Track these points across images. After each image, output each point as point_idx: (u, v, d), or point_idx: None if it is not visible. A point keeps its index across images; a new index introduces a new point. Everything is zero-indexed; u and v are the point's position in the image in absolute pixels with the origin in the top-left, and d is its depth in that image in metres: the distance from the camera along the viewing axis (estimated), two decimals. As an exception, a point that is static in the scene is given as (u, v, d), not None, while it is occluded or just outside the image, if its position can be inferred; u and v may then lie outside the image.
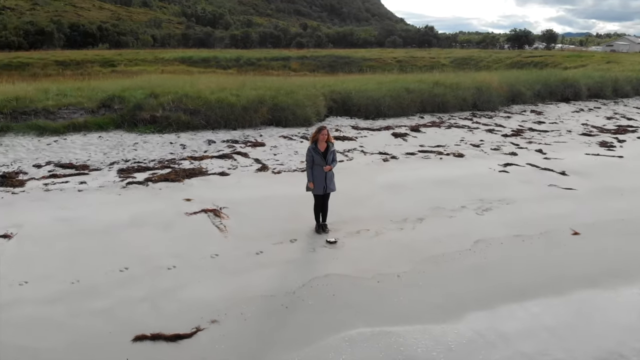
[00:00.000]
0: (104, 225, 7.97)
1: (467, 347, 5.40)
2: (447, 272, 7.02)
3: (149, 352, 5.24)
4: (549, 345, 5.44)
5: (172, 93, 15.09)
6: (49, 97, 14.23)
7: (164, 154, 12.11)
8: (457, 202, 9.48)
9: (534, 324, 5.82)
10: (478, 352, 5.32)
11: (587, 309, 6.23)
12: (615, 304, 6.36)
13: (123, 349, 5.25)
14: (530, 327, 5.76)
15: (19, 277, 6.42)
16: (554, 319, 5.92)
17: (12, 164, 10.98)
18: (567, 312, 6.11)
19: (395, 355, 5.21)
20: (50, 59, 59.76)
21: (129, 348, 5.28)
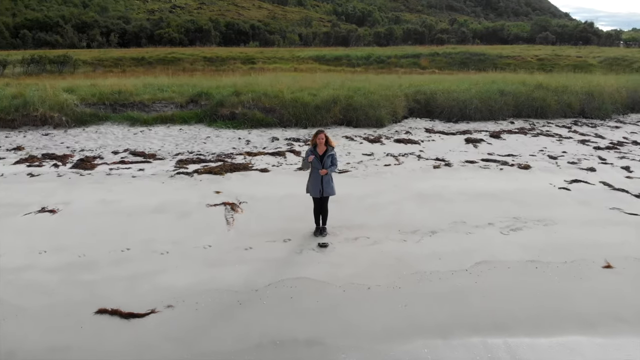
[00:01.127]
0: (131, 210, 8.94)
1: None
2: (425, 291, 6.57)
3: (102, 324, 5.85)
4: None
5: (253, 91, 16.04)
6: (147, 91, 16.12)
7: (227, 148, 13.00)
8: (485, 218, 8.71)
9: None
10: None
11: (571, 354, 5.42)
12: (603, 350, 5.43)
13: (85, 318, 5.93)
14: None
15: (41, 247, 7.57)
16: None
17: (97, 149, 12.77)
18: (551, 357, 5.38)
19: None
20: (200, 55, 66.37)
21: (89, 318, 5.95)
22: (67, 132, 14.03)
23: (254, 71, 44.80)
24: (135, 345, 5.48)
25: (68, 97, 15.01)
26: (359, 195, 9.67)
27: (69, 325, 5.80)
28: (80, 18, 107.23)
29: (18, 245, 7.57)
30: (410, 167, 11.56)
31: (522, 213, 8.92)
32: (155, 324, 5.88)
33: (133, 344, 5.50)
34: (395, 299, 6.41)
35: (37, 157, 12.05)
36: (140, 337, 5.64)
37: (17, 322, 5.84)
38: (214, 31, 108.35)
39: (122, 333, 5.71)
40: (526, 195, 9.82)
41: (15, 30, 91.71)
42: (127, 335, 5.67)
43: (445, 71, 48.86)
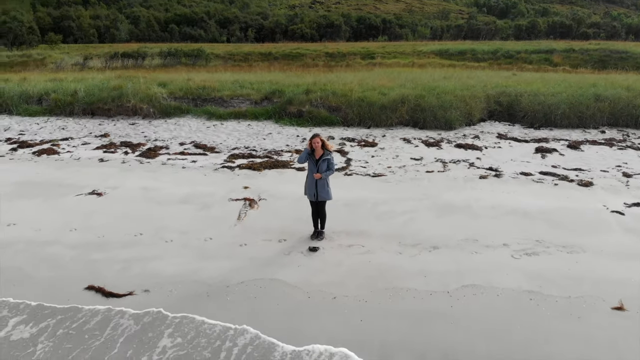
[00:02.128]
0: (163, 198, 9.76)
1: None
2: (391, 309, 6.26)
3: (85, 299, 6.56)
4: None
5: (323, 90, 16.25)
6: (229, 88, 17.19)
7: (281, 145, 13.42)
8: (502, 238, 7.94)
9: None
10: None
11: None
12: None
13: (75, 292, 6.71)
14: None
15: (74, 225, 8.66)
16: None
17: (169, 139, 14.03)
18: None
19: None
20: (322, 51, 68.20)
21: (78, 292, 6.72)
22: (151, 122, 15.60)
23: (371, 66, 45.03)
24: (100, 320, 6.10)
25: (157, 91, 16.66)
26: (376, 201, 9.41)
27: (58, 296, 6.59)
28: (223, 14, 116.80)
29: (56, 222, 8.75)
30: (453, 176, 10.87)
31: (549, 236, 7.96)
32: (127, 304, 6.44)
33: (100, 319, 6.13)
34: (355, 312, 6.22)
35: (116, 144, 13.65)
36: (112, 314, 6.25)
37: (23, 287, 6.81)
38: (344, 26, 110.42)
39: (99, 307, 6.37)
40: (566, 216, 8.71)
41: (165, 24, 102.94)
42: (103, 310, 6.32)
43: (580, 69, 44.09)
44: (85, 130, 15.09)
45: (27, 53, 57.11)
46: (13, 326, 6.03)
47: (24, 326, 6.02)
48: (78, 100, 16.48)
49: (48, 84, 18.30)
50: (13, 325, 6.04)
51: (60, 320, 6.12)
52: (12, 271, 7.20)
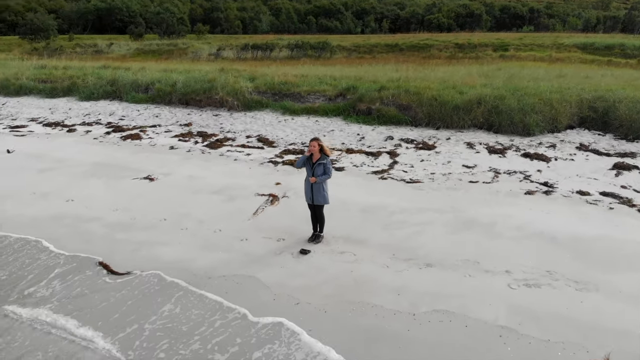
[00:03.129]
0: (200, 187, 10.49)
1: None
2: (345, 323, 6.11)
3: (95, 272, 7.46)
4: None
5: (397, 87, 15.83)
6: (308, 83, 17.58)
7: (336, 142, 13.45)
8: (508, 263, 7.20)
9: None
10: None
11: None
12: None
13: (87, 267, 7.69)
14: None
15: (117, 206, 9.76)
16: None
17: (239, 132, 14.89)
18: None
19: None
20: (452, 42, 65.10)
21: (92, 266, 7.67)
22: (232, 115, 16.66)
23: (504, 59, 42.22)
24: (95, 292, 6.91)
25: (244, 85, 17.67)
26: (395, 209, 9.07)
27: (76, 268, 7.61)
28: (360, 5, 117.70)
29: (105, 202, 9.95)
30: (497, 188, 9.98)
31: (566, 268, 7.02)
32: (122, 281, 7.21)
33: (99, 292, 6.96)
34: (308, 320, 6.20)
35: (193, 133, 14.89)
36: (110, 288, 7.05)
37: (51, 254, 7.97)
38: (485, 16, 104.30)
39: (100, 280, 7.23)
40: (600, 246, 7.56)
41: (304, 15, 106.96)
42: (101, 281, 7.16)
43: None
44: (174, 119, 16.66)
45: (174, 42, 63.90)
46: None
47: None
48: (176, 90, 18.22)
49: (157, 74, 20.48)
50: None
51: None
52: (50, 242, 8.41)
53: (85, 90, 20.23)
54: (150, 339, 5.90)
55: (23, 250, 8.12)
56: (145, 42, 64.35)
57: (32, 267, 7.63)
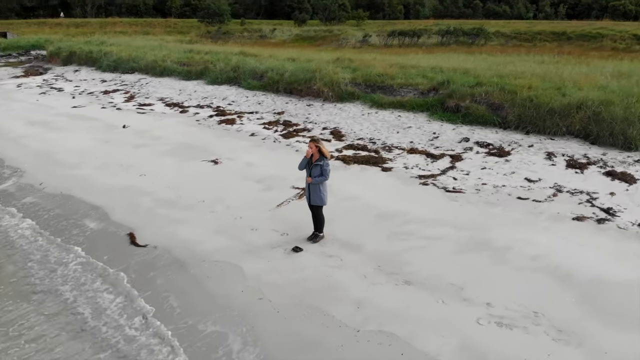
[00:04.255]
0: (249, 174, 11.16)
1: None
2: (288, 326, 6.20)
3: (121, 240, 8.62)
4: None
5: (493, 84, 14.52)
6: (402, 76, 17.05)
7: (404, 141, 12.99)
8: (493, 296, 6.46)
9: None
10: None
11: None
12: None
13: (120, 234, 8.88)
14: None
15: (174, 184, 10.86)
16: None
17: (320, 123, 15.22)
18: None
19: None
20: (630, 32, 55.26)
21: (122, 235, 8.85)
22: (323, 106, 17.02)
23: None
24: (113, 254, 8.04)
25: (341, 76, 17.84)
26: (411, 219, 8.63)
27: (109, 233, 8.87)
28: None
29: (167, 179, 11.16)
30: (543, 209, 8.75)
31: (561, 313, 6.06)
32: (134, 252, 8.22)
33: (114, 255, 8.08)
34: (258, 317, 6.42)
35: (279, 122, 15.66)
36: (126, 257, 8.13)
37: (97, 218, 9.36)
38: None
39: (116, 248, 8.35)
40: (624, 294, 6.28)
41: (469, 0, 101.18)
42: (123, 248, 8.27)
43: None
44: (272, 107, 17.64)
45: (330, 29, 66.04)
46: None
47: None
48: (283, 79, 19.18)
49: (275, 63, 21.70)
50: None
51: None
52: (105, 208, 9.84)
53: (212, 75, 22.44)
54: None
55: (79, 212, 9.67)
56: (305, 28, 67.72)
57: (76, 225, 9.07)
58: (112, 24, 78.67)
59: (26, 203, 10.26)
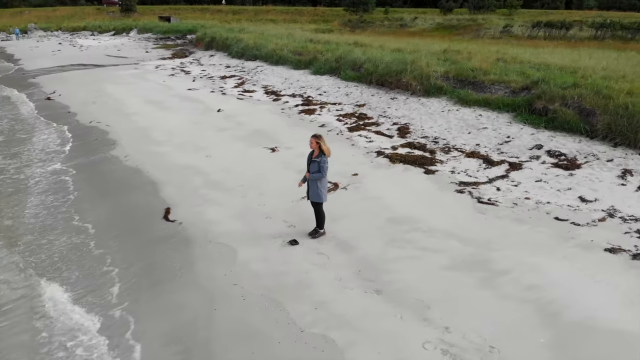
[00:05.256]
0: (295, 165, 11.40)
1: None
2: (241, 315, 6.46)
3: (158, 213, 9.58)
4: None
5: (591, 85, 12.69)
6: (497, 71, 15.68)
7: (471, 144, 12.07)
8: (458, 321, 5.93)
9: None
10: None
11: None
12: None
13: (158, 210, 9.78)
14: None
15: (229, 167, 11.58)
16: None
17: (395, 117, 14.85)
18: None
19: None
20: None
21: (160, 210, 9.76)
22: (407, 100, 16.47)
23: None
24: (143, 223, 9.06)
25: (433, 69, 17.02)
26: (420, 226, 8.21)
27: (152, 205, 9.91)
28: None
29: (224, 161, 11.95)
30: (576, 234, 7.58)
31: (523, 354, 5.36)
32: (163, 227, 9.11)
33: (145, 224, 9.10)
34: (206, 302, 6.69)
35: (355, 115, 15.61)
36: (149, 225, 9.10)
37: (150, 189, 10.48)
38: None
39: (150, 219, 9.33)
40: (610, 344, 5.28)
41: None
42: (157, 220, 9.25)
43: None
44: (357, 99, 17.58)
45: (473, 17, 62.33)
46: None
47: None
48: (377, 71, 18.91)
49: (375, 54, 21.40)
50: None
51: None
52: (161, 184, 10.93)
53: (317, 65, 23.00)
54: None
55: (137, 185, 10.90)
56: (448, 17, 64.96)
57: (126, 195, 10.27)
58: (265, 12, 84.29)
59: (100, 172, 11.88)
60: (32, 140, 14.83)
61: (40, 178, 11.63)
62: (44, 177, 11.72)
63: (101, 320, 6.51)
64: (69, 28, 66.74)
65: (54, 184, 11.22)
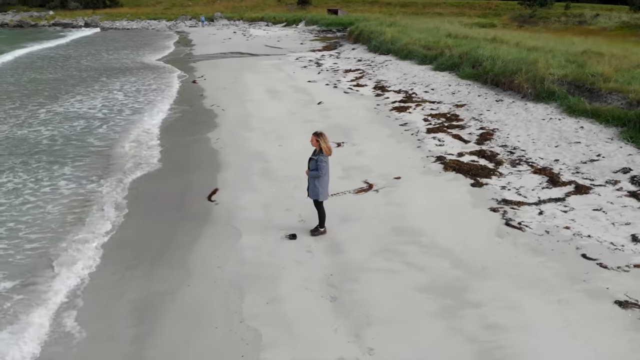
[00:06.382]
0: (348, 162, 11.32)
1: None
2: (204, 296, 6.88)
3: (203, 194, 10.50)
4: None
5: None
6: (619, 79, 13.24)
7: (553, 158, 10.56)
8: (413, 342, 5.50)
9: None
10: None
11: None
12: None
13: (207, 189, 10.73)
14: None
15: (287, 159, 12.02)
16: None
17: (488, 121, 13.62)
18: None
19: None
20: None
21: (209, 190, 10.69)
22: (511, 104, 14.77)
23: None
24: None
25: (550, 72, 15.03)
26: (422, 240, 7.62)
27: (207, 184, 10.84)
28: None
29: (289, 152, 12.27)
30: (591, 277, 6.26)
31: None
32: (202, 205, 9.93)
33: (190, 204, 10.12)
34: (194, 281, 7.21)
35: (446, 115, 14.70)
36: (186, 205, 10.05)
37: (215, 172, 11.47)
38: None
39: (192, 198, 10.26)
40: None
41: None
42: (191, 201, 10.20)
43: None
44: (459, 99, 16.38)
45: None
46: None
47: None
48: (494, 70, 17.34)
49: (501, 51, 19.52)
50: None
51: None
52: (222, 167, 11.87)
53: (440, 61, 21.97)
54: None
55: (206, 166, 11.95)
56: (635, 16, 55.19)
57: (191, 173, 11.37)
58: (434, 5, 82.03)
59: (185, 150, 13.27)
60: (143, 119, 16.95)
61: (135, 153, 13.35)
62: (137, 152, 13.41)
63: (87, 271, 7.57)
64: (249, 18, 73.62)
65: (141, 158, 12.86)
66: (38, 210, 9.92)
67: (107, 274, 7.57)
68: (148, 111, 18.09)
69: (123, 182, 11.16)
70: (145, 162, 12.49)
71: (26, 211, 9.86)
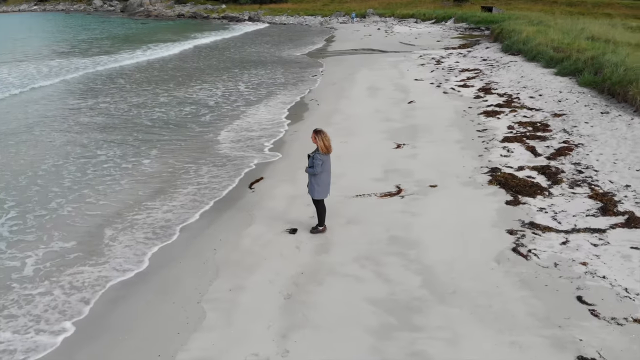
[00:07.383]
0: (393, 163, 10.93)
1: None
2: (191, 274, 7.36)
3: (250, 180, 11.08)
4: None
5: None
6: None
7: (623, 184, 8.88)
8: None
9: None
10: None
11: None
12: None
13: (254, 177, 11.26)
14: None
15: (344, 156, 12.00)
16: None
17: (580, 135, 11.93)
18: None
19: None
20: None
21: (255, 177, 11.23)
22: (615, 118, 12.47)
23: None
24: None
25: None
26: (411, 252, 7.12)
27: (256, 173, 11.44)
28: None
29: (350, 149, 12.31)
30: (570, 325, 5.21)
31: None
32: (241, 190, 10.54)
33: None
34: (185, 259, 7.77)
35: (536, 124, 13.18)
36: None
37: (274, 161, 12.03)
38: None
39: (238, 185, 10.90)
40: None
41: None
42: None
43: None
44: (561, 107, 14.36)
45: None
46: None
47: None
48: (612, 78, 14.91)
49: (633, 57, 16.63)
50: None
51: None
52: (279, 157, 12.35)
53: (565, 64, 19.53)
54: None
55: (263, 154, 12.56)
56: None
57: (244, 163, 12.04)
58: (605, 5, 71.92)
59: (253, 136, 14.02)
60: (248, 112, 18.02)
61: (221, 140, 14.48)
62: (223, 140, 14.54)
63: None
64: (399, 15, 73.20)
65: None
66: (114, 182, 11.27)
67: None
68: (255, 105, 19.00)
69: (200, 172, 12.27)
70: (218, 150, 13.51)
71: (102, 181, 11.30)
